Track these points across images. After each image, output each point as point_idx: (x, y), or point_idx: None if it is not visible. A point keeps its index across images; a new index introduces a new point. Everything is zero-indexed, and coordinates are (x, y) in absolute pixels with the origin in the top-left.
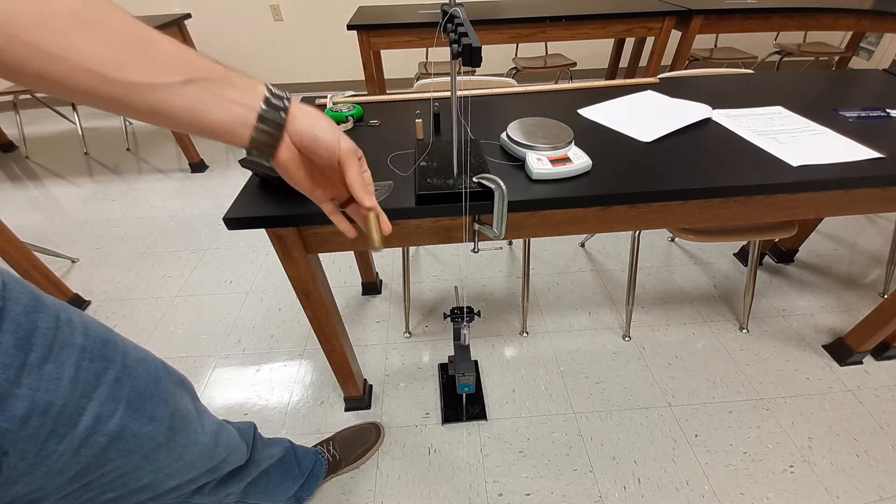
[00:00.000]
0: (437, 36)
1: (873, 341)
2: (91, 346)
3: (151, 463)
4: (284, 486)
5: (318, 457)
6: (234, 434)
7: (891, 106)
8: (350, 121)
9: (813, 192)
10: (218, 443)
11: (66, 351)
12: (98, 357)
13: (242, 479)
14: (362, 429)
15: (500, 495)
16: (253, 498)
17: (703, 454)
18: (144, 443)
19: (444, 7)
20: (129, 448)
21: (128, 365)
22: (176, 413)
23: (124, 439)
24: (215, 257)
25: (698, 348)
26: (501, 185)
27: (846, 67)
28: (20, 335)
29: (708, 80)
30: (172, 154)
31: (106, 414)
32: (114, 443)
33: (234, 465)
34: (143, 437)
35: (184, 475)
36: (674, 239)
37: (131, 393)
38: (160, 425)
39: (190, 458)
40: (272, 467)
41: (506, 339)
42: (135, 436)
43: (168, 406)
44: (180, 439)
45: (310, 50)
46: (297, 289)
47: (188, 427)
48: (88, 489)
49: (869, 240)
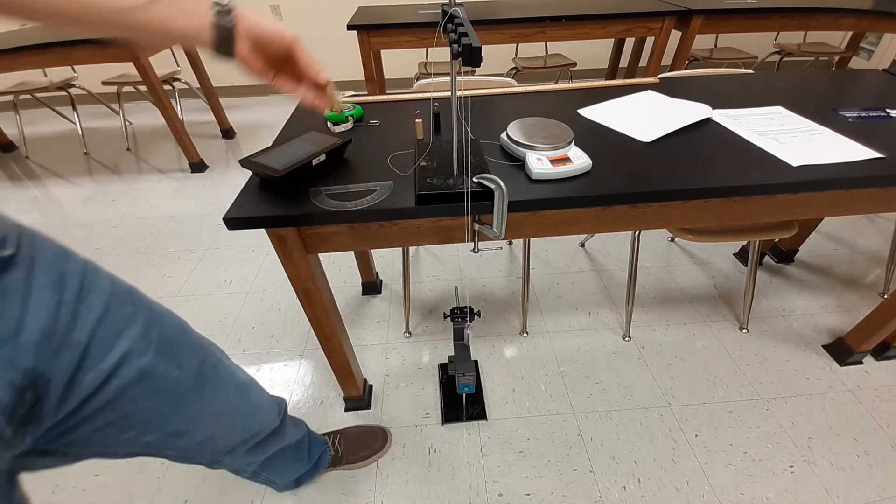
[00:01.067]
0: (437, 36)
1: (873, 341)
2: (119, 291)
3: (182, 409)
4: (294, 468)
5: (326, 447)
6: (266, 395)
7: (891, 106)
8: (350, 121)
9: (813, 192)
10: (249, 398)
11: (95, 294)
12: (127, 301)
13: (268, 448)
14: (371, 431)
15: (500, 495)
16: (267, 472)
17: (703, 454)
18: (173, 386)
19: (444, 7)
20: (159, 388)
21: (154, 313)
22: (204, 363)
23: (154, 378)
24: (215, 257)
25: (698, 348)
26: (501, 185)
27: (846, 67)
28: (53, 278)
29: (708, 80)
30: (172, 154)
31: (136, 351)
32: (143, 379)
33: (265, 429)
34: (172, 380)
35: (214, 426)
36: (674, 239)
37: (160, 339)
38: (187, 372)
39: (219, 408)
40: (289, 447)
41: (506, 339)
42: (164, 377)
43: (196, 356)
44: (208, 389)
45: (310, 50)
46: (297, 289)
47: (217, 378)
48: (127, 425)
49: (869, 240)
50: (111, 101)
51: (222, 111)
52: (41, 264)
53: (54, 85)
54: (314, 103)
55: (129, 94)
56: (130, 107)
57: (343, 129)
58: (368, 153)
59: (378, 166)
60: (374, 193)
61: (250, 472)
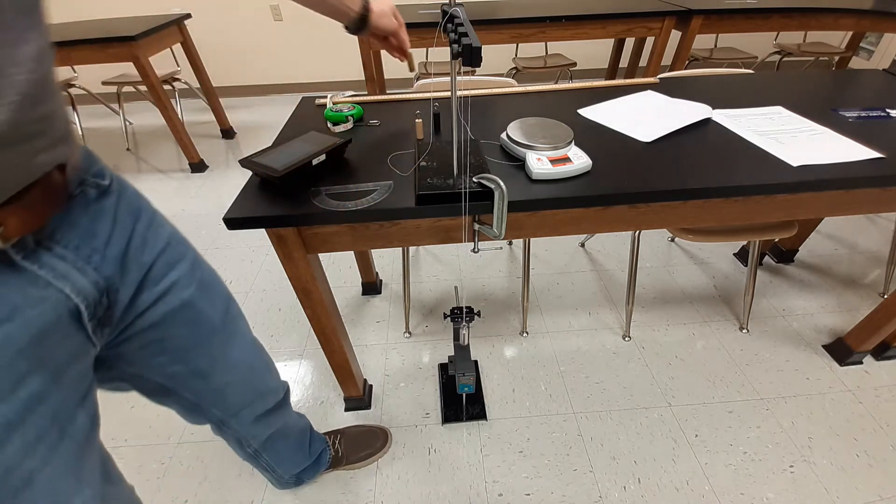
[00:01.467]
0: (437, 36)
1: (873, 341)
2: (176, 234)
3: (207, 346)
4: (295, 459)
5: (326, 446)
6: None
7: (891, 106)
8: (350, 121)
9: (813, 192)
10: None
11: (160, 230)
12: (181, 243)
13: (272, 423)
14: (371, 431)
15: (500, 495)
16: (268, 454)
17: (703, 454)
18: (205, 322)
19: (444, 7)
20: (193, 320)
21: (198, 258)
22: (229, 309)
23: (192, 310)
24: (215, 257)
25: (698, 348)
26: (501, 185)
27: (846, 67)
28: (132, 209)
29: (708, 80)
30: (172, 154)
31: (183, 283)
32: (184, 309)
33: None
34: (205, 315)
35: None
36: (674, 239)
37: (201, 279)
38: (218, 311)
39: (236, 357)
40: (293, 434)
41: (506, 339)
42: (200, 311)
43: (224, 300)
44: (229, 334)
45: (310, 50)
46: (297, 289)
47: (237, 328)
48: (162, 349)
49: (869, 240)
50: (111, 101)
51: (222, 111)
52: (125, 197)
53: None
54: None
55: (129, 94)
56: (130, 107)
57: (343, 129)
58: (368, 153)
59: (378, 166)
60: (374, 193)
61: (252, 451)
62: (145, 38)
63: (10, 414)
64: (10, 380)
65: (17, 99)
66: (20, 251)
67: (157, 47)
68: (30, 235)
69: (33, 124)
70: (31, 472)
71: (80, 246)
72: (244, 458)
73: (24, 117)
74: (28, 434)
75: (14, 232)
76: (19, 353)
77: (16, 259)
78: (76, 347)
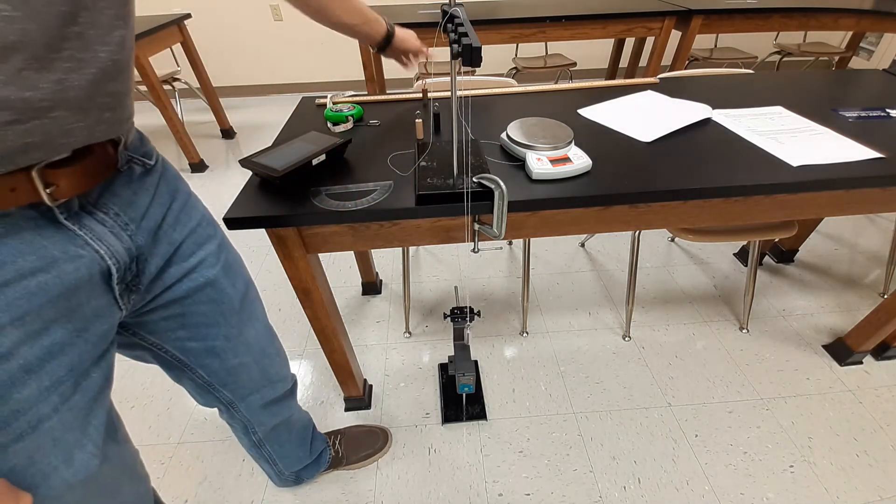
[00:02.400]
0: (437, 36)
1: (873, 341)
2: (207, 216)
3: (225, 326)
4: (296, 454)
5: (327, 446)
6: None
7: (891, 106)
8: (350, 121)
9: (813, 192)
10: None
11: (193, 211)
12: (211, 224)
13: (278, 412)
14: (372, 431)
15: (500, 495)
16: (272, 445)
17: (703, 454)
18: (225, 301)
19: (444, 7)
20: (214, 299)
21: (226, 241)
22: (249, 292)
23: (215, 288)
24: None
25: (698, 348)
26: (501, 185)
27: (846, 67)
28: (171, 189)
29: (708, 80)
30: (172, 154)
31: (209, 263)
32: (207, 287)
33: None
34: (226, 295)
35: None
36: (674, 239)
37: (226, 260)
38: (237, 293)
39: (250, 338)
40: (296, 428)
41: (506, 339)
42: (222, 290)
43: (245, 283)
44: (246, 315)
45: (310, 50)
46: (297, 289)
47: (253, 310)
48: (183, 323)
49: (869, 240)
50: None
51: (222, 111)
52: (166, 177)
53: None
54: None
55: None
56: None
57: (343, 129)
58: (368, 153)
59: (378, 166)
60: (374, 193)
61: (257, 439)
62: (145, 38)
63: (30, 357)
64: (37, 326)
65: (96, 72)
66: (65, 211)
67: (157, 47)
68: (76, 198)
69: (105, 97)
70: (39, 419)
71: (120, 214)
72: (248, 448)
73: (99, 90)
74: (44, 380)
75: (64, 193)
76: (49, 303)
77: (60, 218)
78: (103, 307)
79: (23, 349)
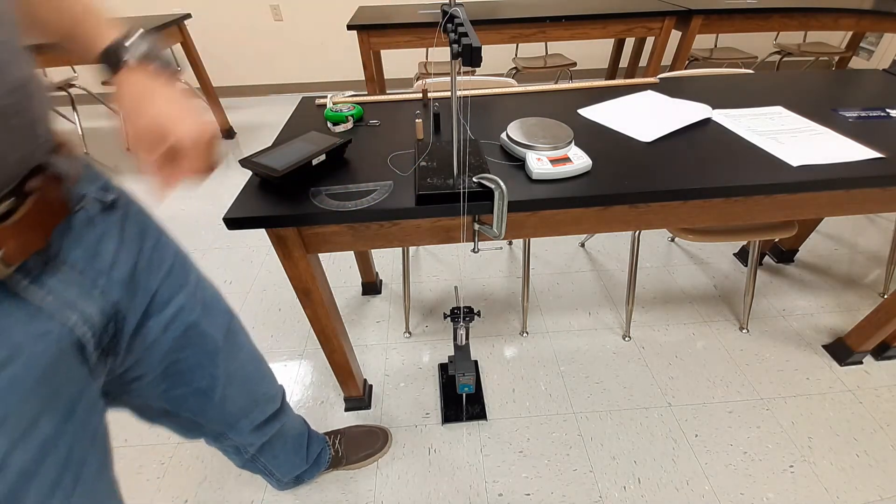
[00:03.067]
0: (437, 36)
1: (873, 341)
2: (180, 253)
3: (210, 366)
4: (293, 461)
5: (325, 445)
6: (271, 371)
7: (891, 106)
8: (350, 121)
9: (813, 192)
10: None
11: (166, 251)
12: (186, 263)
13: (269, 430)
14: (371, 432)
15: (500, 495)
16: (266, 457)
17: (703, 454)
18: (208, 342)
19: (444, 7)
20: (198, 341)
21: (201, 276)
22: (230, 326)
23: (197, 332)
24: (215, 257)
25: (698, 348)
26: (501, 185)
27: (846, 67)
28: (139, 228)
29: (708, 80)
30: None
31: (189, 306)
32: (189, 331)
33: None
34: (208, 336)
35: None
36: (674, 239)
37: (205, 298)
38: (220, 330)
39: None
40: (290, 436)
41: (506, 339)
42: (204, 333)
43: (226, 318)
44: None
45: (310, 50)
46: (297, 289)
47: (237, 342)
48: (167, 375)
49: (869, 240)
50: (111, 101)
51: (222, 111)
52: (132, 214)
53: (54, 85)
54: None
55: None
56: None
57: (343, 129)
58: (368, 153)
59: (378, 166)
60: (374, 193)
61: (249, 456)
62: None
63: (26, 461)
64: (23, 424)
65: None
66: (26, 276)
67: None
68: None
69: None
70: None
71: (86, 269)
72: (240, 465)
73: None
74: (44, 482)
75: (15, 255)
76: (28, 396)
77: (18, 289)
78: (83, 381)
79: (15, 456)
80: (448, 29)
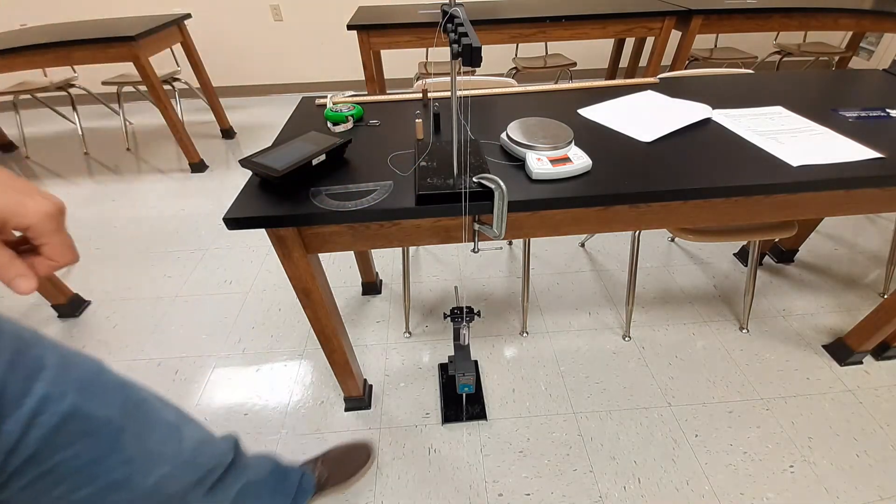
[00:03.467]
0: (437, 36)
1: (873, 341)
2: (26, 334)
3: (118, 452)
4: (277, 501)
5: (303, 473)
6: (206, 430)
7: (891, 106)
8: (350, 121)
9: (813, 192)
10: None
11: (1, 337)
12: (35, 344)
13: (230, 486)
14: (352, 448)
15: (500, 495)
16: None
17: (703, 454)
18: (101, 426)
19: (444, 7)
20: (86, 431)
21: (67, 353)
22: (128, 399)
23: (79, 420)
24: (215, 257)
25: (698, 348)
26: (501, 185)
27: (846, 67)
28: None
29: (708, 80)
30: (172, 154)
31: (55, 394)
32: (68, 423)
33: (218, 463)
34: (100, 421)
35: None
36: (674, 239)
37: (79, 379)
38: (114, 408)
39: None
40: (261, 481)
41: (506, 339)
42: (89, 418)
43: (118, 394)
44: (140, 420)
45: (310, 50)
46: (297, 289)
47: (143, 416)
48: (58, 478)
49: (869, 240)
50: (111, 101)
51: (222, 111)
52: None
53: (54, 85)
54: None
55: (129, 94)
56: (130, 107)
57: (343, 129)
58: (368, 153)
59: (378, 166)
60: (374, 193)
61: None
62: (145, 38)
63: None
64: None
65: None
66: None
67: (157, 47)
68: None
69: None
70: None
71: None
72: None
73: None
74: None
75: None
76: None
77: None
78: None
79: None
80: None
